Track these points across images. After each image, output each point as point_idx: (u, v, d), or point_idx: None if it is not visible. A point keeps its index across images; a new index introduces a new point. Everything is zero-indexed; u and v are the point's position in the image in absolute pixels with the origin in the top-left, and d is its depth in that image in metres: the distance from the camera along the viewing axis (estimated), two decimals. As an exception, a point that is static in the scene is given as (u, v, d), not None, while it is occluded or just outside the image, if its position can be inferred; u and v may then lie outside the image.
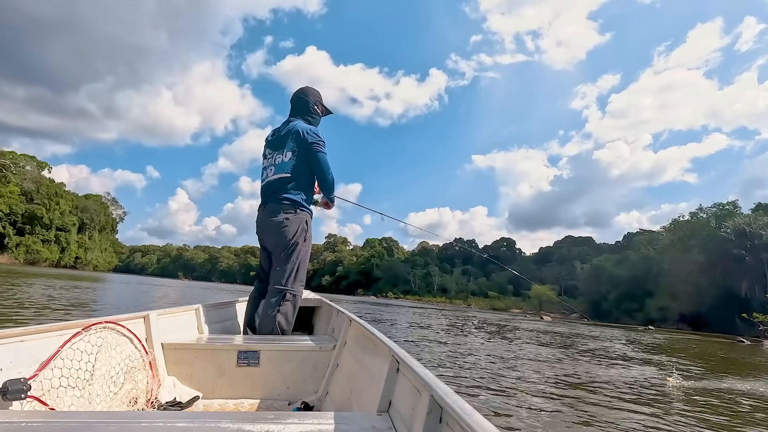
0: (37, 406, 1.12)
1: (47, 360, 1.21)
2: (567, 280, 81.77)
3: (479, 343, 7.89)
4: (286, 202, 2.45)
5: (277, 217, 2.43)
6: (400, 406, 1.04)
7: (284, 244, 2.43)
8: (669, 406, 3.87)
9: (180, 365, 1.84)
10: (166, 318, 1.96)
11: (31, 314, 5.63)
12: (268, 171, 2.55)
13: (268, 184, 2.52)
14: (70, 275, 28.18)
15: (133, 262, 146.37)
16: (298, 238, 2.45)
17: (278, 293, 2.37)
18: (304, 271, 2.50)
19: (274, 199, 2.47)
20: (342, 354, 1.89)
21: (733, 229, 46.96)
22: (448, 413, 0.75)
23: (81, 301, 8.36)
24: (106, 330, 1.47)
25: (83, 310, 6.92)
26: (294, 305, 2.41)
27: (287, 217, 2.43)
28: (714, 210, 53.68)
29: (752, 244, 44.72)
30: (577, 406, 3.48)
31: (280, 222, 2.42)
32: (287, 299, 2.37)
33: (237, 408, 1.77)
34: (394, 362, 1.15)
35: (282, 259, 2.44)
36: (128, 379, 1.50)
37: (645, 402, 3.98)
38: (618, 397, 4.08)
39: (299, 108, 2.70)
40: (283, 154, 2.52)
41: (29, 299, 7.67)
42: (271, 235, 2.47)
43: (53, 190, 72.51)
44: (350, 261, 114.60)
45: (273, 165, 2.54)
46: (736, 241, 46.19)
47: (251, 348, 1.92)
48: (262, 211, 2.53)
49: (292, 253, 2.44)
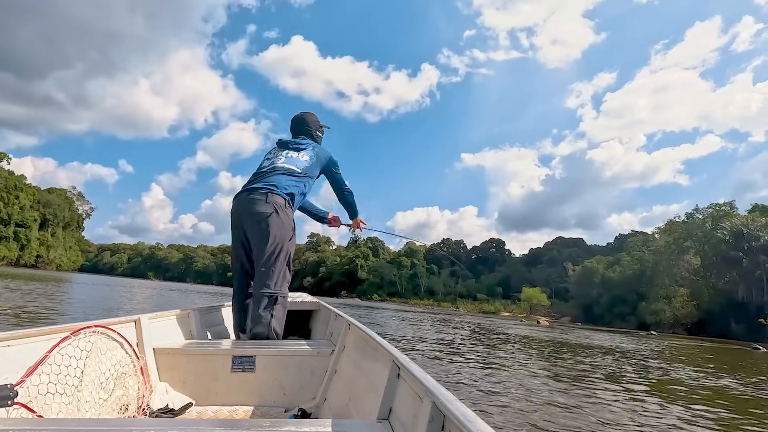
0: (24, 413, 1.11)
1: (35, 365, 1.20)
2: (558, 282, 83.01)
3: (483, 352, 7.78)
4: (278, 191, 2.35)
5: (264, 206, 2.30)
6: (400, 413, 1.05)
7: (271, 244, 2.30)
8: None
9: (172, 371, 1.84)
10: (158, 322, 1.95)
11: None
12: (275, 159, 2.51)
13: (270, 168, 2.45)
14: (28, 275, 27.40)
15: (101, 261, 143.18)
16: (285, 236, 2.35)
17: (269, 297, 2.29)
18: (290, 269, 2.42)
19: (268, 183, 2.37)
20: (340, 359, 1.90)
21: (729, 230, 47.35)
22: (450, 421, 0.74)
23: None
24: (95, 334, 1.46)
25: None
26: (284, 307, 2.38)
27: (276, 210, 2.31)
28: (710, 211, 54.13)
29: (750, 246, 45.16)
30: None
31: (267, 214, 2.29)
32: (278, 303, 2.31)
33: (231, 415, 1.76)
34: (394, 368, 1.15)
35: (269, 259, 2.31)
36: (119, 385, 1.49)
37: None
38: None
39: (302, 132, 2.78)
40: (298, 153, 2.52)
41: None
42: (258, 225, 2.32)
43: (12, 183, 70.58)
44: (333, 261, 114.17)
45: (283, 156, 2.52)
46: (732, 242, 46.71)
47: (246, 353, 1.91)
48: (247, 194, 2.36)
49: (281, 253, 2.33)
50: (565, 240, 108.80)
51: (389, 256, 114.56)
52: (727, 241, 47.37)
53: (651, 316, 50.07)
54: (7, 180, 69.80)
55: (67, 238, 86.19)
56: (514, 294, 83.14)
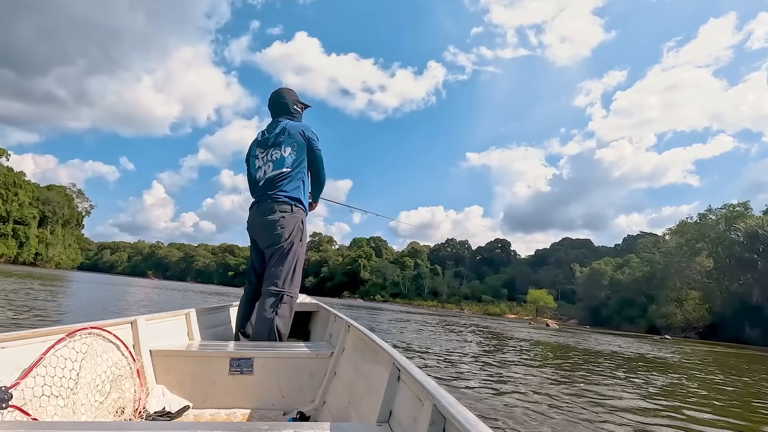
0: (19, 416, 1.11)
1: (29, 368, 1.21)
2: (564, 284, 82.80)
3: (497, 358, 7.49)
4: (283, 198, 2.47)
5: (273, 215, 2.45)
6: (401, 416, 1.05)
7: (279, 244, 2.44)
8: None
9: (169, 373, 1.84)
10: (155, 323, 1.96)
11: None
12: (265, 168, 2.57)
13: (266, 181, 2.53)
14: (27, 273, 27.53)
15: (101, 259, 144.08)
16: (294, 237, 2.47)
17: (274, 295, 2.38)
18: (299, 272, 2.52)
19: (270, 197, 2.48)
20: (340, 361, 1.90)
21: (744, 231, 46.66)
22: (451, 424, 0.74)
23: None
24: (91, 336, 1.47)
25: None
26: (291, 308, 2.43)
27: (283, 216, 2.45)
28: (723, 211, 53.45)
29: (765, 248, 44.44)
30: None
31: (276, 220, 2.44)
32: (284, 301, 2.39)
33: (229, 418, 1.77)
34: (394, 370, 1.15)
35: (277, 259, 2.45)
36: (115, 388, 1.50)
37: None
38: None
39: (280, 110, 2.75)
40: (281, 150, 2.54)
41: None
42: (265, 233, 2.48)
43: (11, 180, 71.00)
44: (335, 261, 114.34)
45: (270, 161, 2.56)
46: (747, 244, 46.03)
47: (244, 355, 1.92)
48: (256, 210, 2.54)
49: (288, 253, 2.46)
50: (572, 241, 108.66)
51: (392, 256, 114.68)
52: (741, 242, 46.71)
53: (661, 320, 49.78)
54: (6, 177, 70.12)
55: (66, 235, 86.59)
56: (519, 296, 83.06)
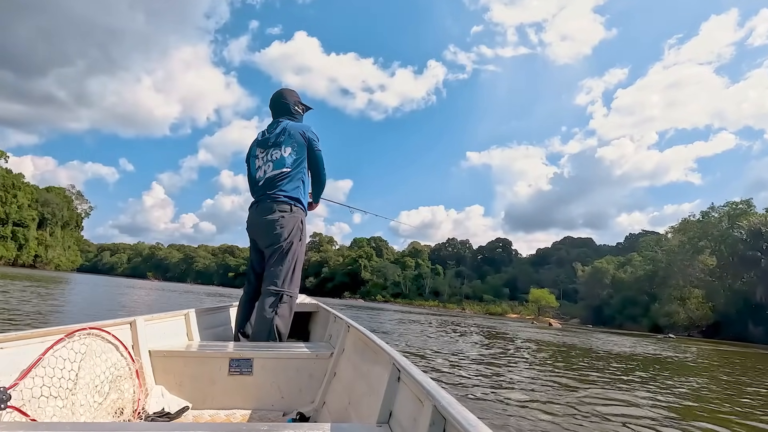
0: (18, 416, 1.11)
1: (28, 368, 1.21)
2: (566, 283, 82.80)
3: (502, 360, 7.30)
4: (283, 198, 2.48)
5: (272, 215, 2.46)
6: (401, 417, 1.05)
7: (279, 243, 2.46)
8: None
9: (168, 374, 1.85)
10: (154, 324, 1.96)
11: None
12: (265, 168, 2.58)
13: (266, 180, 2.54)
14: (26, 275, 27.54)
15: (101, 261, 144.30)
16: (293, 237, 2.48)
17: (274, 295, 2.39)
18: (299, 272, 2.53)
19: (269, 196, 2.50)
20: (340, 362, 1.90)
21: (747, 229, 46.55)
22: (452, 425, 0.74)
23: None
24: (90, 336, 1.47)
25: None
26: (291, 308, 2.44)
27: (283, 215, 2.46)
28: (726, 209, 53.30)
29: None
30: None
31: (275, 220, 2.45)
32: (284, 301, 2.40)
33: (228, 419, 1.77)
34: (395, 371, 1.15)
35: (276, 259, 2.47)
36: (114, 389, 1.50)
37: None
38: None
39: (281, 110, 2.77)
40: (281, 150, 2.55)
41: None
42: (264, 233, 2.50)
43: (10, 182, 71.06)
44: (336, 262, 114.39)
45: (270, 161, 2.57)
46: (750, 242, 45.94)
47: (244, 356, 1.92)
48: (255, 209, 2.56)
49: (287, 253, 2.47)
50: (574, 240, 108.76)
51: (393, 256, 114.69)
52: (744, 240, 46.65)
53: (664, 318, 49.80)
54: (5, 178, 70.15)
55: (65, 237, 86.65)
56: (521, 295, 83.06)
